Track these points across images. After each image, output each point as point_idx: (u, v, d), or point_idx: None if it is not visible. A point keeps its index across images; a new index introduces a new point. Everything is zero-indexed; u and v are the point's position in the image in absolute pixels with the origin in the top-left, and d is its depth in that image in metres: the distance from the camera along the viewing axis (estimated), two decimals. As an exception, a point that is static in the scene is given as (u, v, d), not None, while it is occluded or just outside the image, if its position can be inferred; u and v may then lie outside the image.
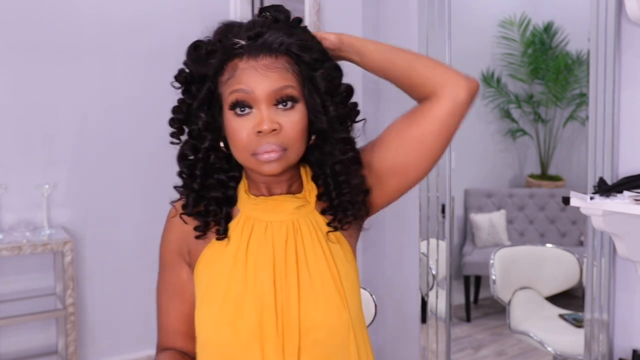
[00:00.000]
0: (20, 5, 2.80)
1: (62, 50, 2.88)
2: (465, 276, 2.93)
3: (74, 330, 2.75)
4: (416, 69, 1.03)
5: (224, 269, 0.96)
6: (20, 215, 2.83)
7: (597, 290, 1.76)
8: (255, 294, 0.94)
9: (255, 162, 0.93)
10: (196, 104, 0.97)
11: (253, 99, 0.92)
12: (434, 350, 2.36)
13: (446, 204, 2.33)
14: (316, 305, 0.94)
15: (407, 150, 1.02)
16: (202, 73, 0.96)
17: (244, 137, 0.92)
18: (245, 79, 0.92)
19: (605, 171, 1.70)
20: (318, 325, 0.94)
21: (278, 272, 0.95)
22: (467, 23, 2.61)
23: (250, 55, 0.93)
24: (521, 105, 2.85)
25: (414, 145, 1.02)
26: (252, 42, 0.93)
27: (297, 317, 0.93)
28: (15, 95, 2.82)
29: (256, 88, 0.92)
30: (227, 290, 0.94)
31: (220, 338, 0.93)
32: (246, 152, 0.93)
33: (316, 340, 0.94)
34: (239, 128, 0.93)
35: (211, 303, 0.95)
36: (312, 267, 0.96)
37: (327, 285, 0.96)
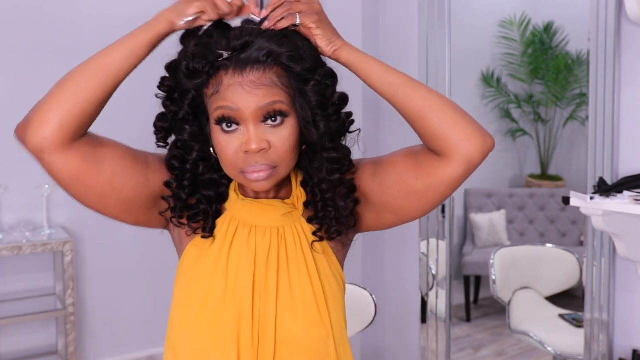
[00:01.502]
0: (20, 5, 2.80)
1: (62, 50, 2.88)
2: (465, 276, 2.92)
3: (74, 330, 2.75)
4: (429, 118, 0.92)
5: (205, 272, 0.94)
6: (20, 215, 2.83)
7: (597, 290, 1.76)
8: (235, 301, 0.91)
9: (244, 179, 0.91)
10: (182, 113, 0.93)
11: (240, 116, 0.88)
12: (434, 350, 2.35)
13: (446, 204, 2.33)
14: (294, 317, 0.92)
15: (407, 198, 0.95)
16: (185, 88, 0.91)
17: (232, 155, 0.89)
18: (231, 95, 0.87)
19: (605, 171, 1.70)
20: (295, 338, 0.92)
21: (258, 281, 0.93)
22: (467, 23, 2.61)
23: (236, 69, 0.88)
24: (521, 105, 2.85)
25: (416, 196, 0.94)
26: (238, 53, 0.88)
27: (273, 328, 0.91)
28: (15, 95, 2.82)
29: (242, 105, 0.87)
30: (206, 295, 0.92)
31: (196, 343, 0.92)
32: (234, 169, 0.90)
33: (292, 354, 0.92)
34: (227, 144, 0.89)
35: (189, 307, 0.93)
36: (293, 278, 0.94)
37: (307, 298, 0.93)
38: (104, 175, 0.90)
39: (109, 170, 0.90)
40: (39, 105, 0.88)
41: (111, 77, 0.89)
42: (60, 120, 0.86)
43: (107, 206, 0.92)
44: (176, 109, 0.93)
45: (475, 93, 2.82)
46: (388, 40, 2.53)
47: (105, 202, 0.92)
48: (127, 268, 3.03)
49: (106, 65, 0.89)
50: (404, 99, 0.95)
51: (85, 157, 0.88)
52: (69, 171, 0.88)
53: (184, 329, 0.93)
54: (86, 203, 0.92)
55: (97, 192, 0.90)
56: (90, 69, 0.89)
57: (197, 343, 0.91)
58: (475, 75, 2.84)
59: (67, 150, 0.87)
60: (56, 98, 0.87)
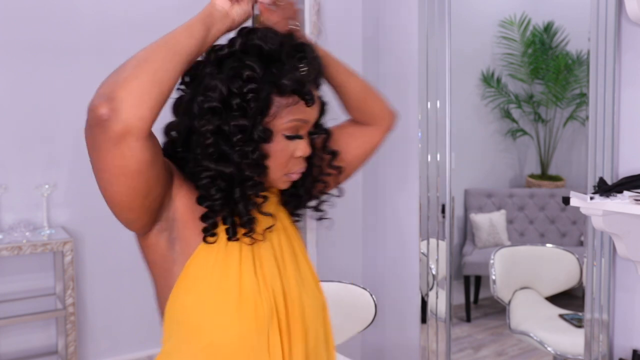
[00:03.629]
0: (19, 5, 2.80)
1: (62, 50, 2.88)
2: (465, 276, 2.92)
3: (74, 330, 2.75)
4: (367, 100, 1.18)
5: (234, 264, 0.98)
6: (20, 215, 2.83)
7: (597, 290, 1.76)
8: (267, 285, 0.99)
9: (282, 179, 1.02)
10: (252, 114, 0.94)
11: (305, 128, 1.00)
12: (434, 350, 2.35)
13: (446, 204, 2.33)
14: (306, 291, 1.05)
15: (351, 164, 1.22)
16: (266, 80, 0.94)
17: (286, 159, 0.99)
18: (307, 110, 0.99)
19: (605, 171, 1.70)
20: (311, 309, 1.04)
21: (279, 263, 1.03)
22: (467, 23, 2.61)
23: (310, 86, 0.98)
24: (521, 105, 2.85)
25: (356, 160, 1.23)
26: (310, 69, 0.97)
27: (298, 303, 1.02)
28: (15, 95, 2.82)
29: (311, 119, 1.01)
30: (241, 285, 0.97)
31: (243, 331, 0.96)
32: (281, 171, 1.00)
33: (311, 322, 1.04)
34: (285, 150, 0.99)
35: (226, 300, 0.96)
36: (298, 256, 1.08)
37: (309, 272, 1.09)
38: (158, 167, 0.90)
39: (160, 163, 0.90)
40: (127, 80, 0.82)
41: (184, 56, 0.89)
42: (157, 100, 0.84)
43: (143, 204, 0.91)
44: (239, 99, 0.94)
45: (475, 93, 2.82)
46: (388, 41, 2.53)
47: (146, 199, 0.90)
48: (127, 268, 3.03)
49: (178, 42, 0.89)
50: (353, 85, 1.16)
51: (154, 146, 0.87)
52: (145, 159, 0.85)
53: (226, 323, 0.95)
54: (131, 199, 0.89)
55: (150, 184, 0.89)
56: (168, 46, 0.87)
57: (243, 331, 0.96)
58: (475, 75, 2.84)
59: (149, 136, 0.85)
60: (148, 73, 0.83)
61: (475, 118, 2.84)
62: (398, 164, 2.52)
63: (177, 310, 0.97)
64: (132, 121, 0.80)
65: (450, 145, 2.30)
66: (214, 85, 0.93)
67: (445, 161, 2.29)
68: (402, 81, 2.46)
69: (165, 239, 0.97)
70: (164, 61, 0.85)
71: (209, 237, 0.96)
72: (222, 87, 0.93)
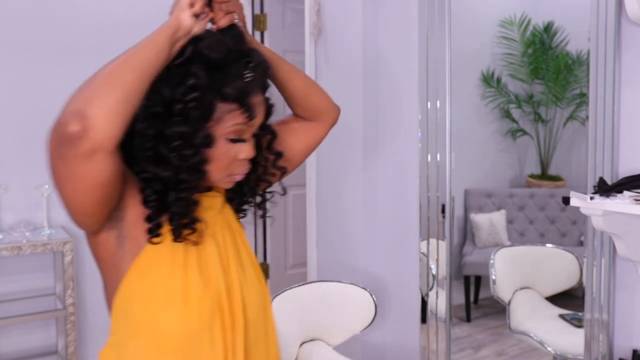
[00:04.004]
0: (19, 5, 2.80)
1: (61, 49, 2.88)
2: (465, 276, 2.92)
3: (74, 330, 2.75)
4: (311, 95, 1.21)
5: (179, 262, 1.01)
6: (20, 215, 2.83)
7: (597, 290, 1.76)
8: (212, 283, 1.03)
9: (225, 180, 1.05)
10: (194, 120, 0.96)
11: (249, 131, 1.03)
12: (434, 350, 2.35)
13: (446, 204, 2.33)
14: (248, 286, 1.09)
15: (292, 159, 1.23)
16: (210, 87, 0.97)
17: (229, 161, 1.02)
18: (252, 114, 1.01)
19: (605, 171, 1.70)
20: (253, 303, 1.09)
21: (223, 260, 1.07)
22: (467, 23, 2.61)
23: (254, 90, 1.01)
24: (521, 105, 2.85)
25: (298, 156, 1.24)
26: (255, 74, 1.00)
27: (240, 298, 1.06)
28: (14, 95, 2.82)
29: (255, 123, 1.03)
30: (187, 283, 1.00)
31: (186, 328, 0.99)
32: (224, 172, 1.03)
33: (256, 315, 1.09)
34: (228, 152, 1.01)
35: (172, 298, 0.99)
36: (241, 252, 1.12)
37: (251, 267, 1.13)
38: (120, 177, 0.93)
39: (121, 172, 0.93)
40: (100, 97, 0.84)
41: (152, 73, 0.91)
42: (126, 117, 0.86)
43: (102, 211, 0.94)
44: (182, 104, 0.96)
45: (475, 93, 2.82)
46: (388, 40, 2.53)
47: (106, 206, 0.94)
48: (127, 268, 3.04)
49: (146, 59, 0.90)
50: (296, 82, 1.19)
51: (119, 157, 0.90)
52: (111, 172, 0.89)
53: (171, 320, 0.99)
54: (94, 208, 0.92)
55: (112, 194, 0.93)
56: (137, 62, 0.89)
57: (188, 328, 0.99)
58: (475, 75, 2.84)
59: (115, 151, 0.87)
60: (121, 91, 0.85)
61: (475, 118, 2.84)
62: (398, 164, 2.52)
63: (124, 306, 1.01)
64: (103, 140, 0.83)
65: (450, 145, 2.30)
66: (159, 90, 0.95)
67: (445, 161, 2.29)
68: (402, 81, 2.46)
69: (115, 236, 0.99)
70: (134, 80, 0.87)
71: (153, 237, 0.99)
72: (166, 92, 0.95)
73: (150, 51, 0.91)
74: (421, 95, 2.33)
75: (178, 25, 0.96)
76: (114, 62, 0.90)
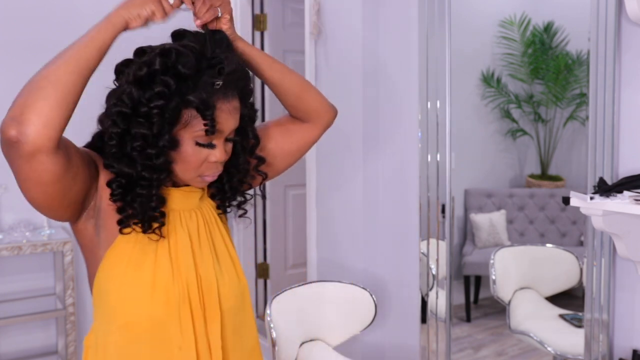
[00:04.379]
0: (19, 5, 2.80)
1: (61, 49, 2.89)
2: (465, 276, 2.92)
3: (74, 330, 2.75)
4: (305, 97, 1.21)
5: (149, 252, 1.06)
6: (20, 215, 2.83)
7: (597, 290, 1.76)
8: (181, 273, 1.07)
9: (196, 180, 1.08)
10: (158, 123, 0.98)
11: (219, 136, 1.05)
12: (434, 350, 2.35)
13: (446, 204, 2.33)
14: (224, 279, 1.13)
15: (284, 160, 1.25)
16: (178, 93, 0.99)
17: (198, 163, 1.05)
18: (219, 121, 1.02)
19: (605, 171, 1.70)
20: (228, 296, 1.13)
21: (195, 253, 1.10)
22: (467, 23, 2.61)
23: (224, 97, 1.02)
24: (521, 105, 2.85)
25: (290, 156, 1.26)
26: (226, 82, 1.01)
27: (215, 291, 1.11)
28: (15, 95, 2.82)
29: (226, 128, 1.04)
30: (155, 272, 1.05)
31: (154, 316, 1.05)
32: (194, 173, 1.06)
33: (228, 308, 1.13)
34: (196, 154, 1.04)
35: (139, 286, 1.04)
36: (217, 247, 1.15)
37: (229, 262, 1.16)
38: (72, 172, 0.96)
39: (75, 167, 0.96)
40: (35, 103, 0.87)
41: (90, 71, 0.94)
42: (64, 118, 0.89)
43: (62, 204, 0.97)
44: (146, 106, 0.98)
45: (475, 93, 2.82)
46: (388, 40, 2.53)
47: (64, 200, 0.97)
48: (127, 268, 3.04)
49: (83, 60, 0.92)
50: (288, 82, 1.19)
51: (65, 155, 0.93)
52: (57, 170, 0.91)
53: (139, 307, 1.04)
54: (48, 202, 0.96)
55: (66, 189, 0.95)
56: (76, 62, 0.91)
57: (155, 315, 1.05)
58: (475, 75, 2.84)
59: (59, 148, 0.90)
60: (56, 95, 0.88)
61: (475, 118, 2.84)
62: (398, 164, 2.52)
63: (99, 292, 1.07)
64: (40, 141, 0.86)
65: (450, 145, 2.30)
66: (129, 91, 0.99)
67: (445, 161, 2.29)
68: (402, 81, 2.46)
69: (92, 225, 1.06)
70: (71, 82, 0.90)
71: (123, 228, 1.04)
72: (135, 94, 0.98)
73: (92, 51, 0.94)
74: (421, 95, 2.33)
75: (124, 26, 0.98)
76: (51, 64, 0.92)
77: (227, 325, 1.13)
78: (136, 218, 1.04)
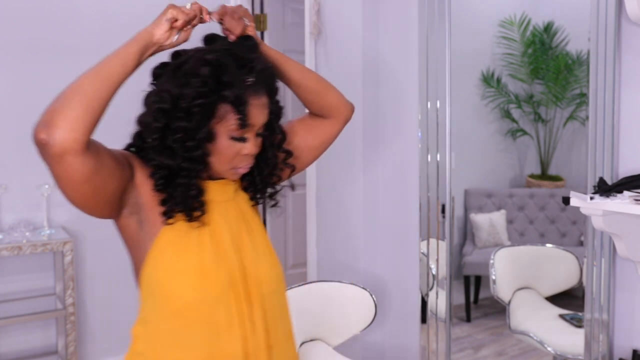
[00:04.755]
0: (19, 5, 2.80)
1: (62, 49, 2.88)
2: (465, 276, 2.92)
3: (74, 330, 2.75)
4: (323, 94, 1.31)
5: (195, 241, 1.14)
6: (20, 215, 2.83)
7: (597, 290, 1.76)
8: (226, 259, 1.16)
9: (230, 172, 1.17)
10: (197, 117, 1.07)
11: (250, 130, 1.13)
12: (434, 350, 2.36)
13: (446, 204, 2.33)
14: (264, 263, 1.21)
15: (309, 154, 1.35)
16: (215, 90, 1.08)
17: (232, 155, 1.13)
18: (252, 115, 1.11)
19: (605, 171, 1.70)
20: (267, 278, 1.21)
21: (235, 241, 1.19)
22: (467, 23, 2.61)
23: (255, 94, 1.11)
24: (521, 105, 2.85)
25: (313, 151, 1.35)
26: (256, 79, 1.11)
27: (255, 274, 1.18)
28: (14, 95, 2.82)
29: (256, 123, 1.13)
30: (202, 260, 1.13)
31: (205, 299, 1.12)
32: (228, 165, 1.15)
33: (268, 291, 1.21)
34: (230, 148, 1.13)
35: (188, 271, 1.12)
36: (254, 234, 1.23)
37: (265, 248, 1.24)
38: (104, 173, 1.03)
39: (107, 168, 1.03)
40: (63, 110, 0.96)
41: (116, 83, 1.02)
42: (90, 124, 0.98)
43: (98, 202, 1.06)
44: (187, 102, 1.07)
45: (475, 93, 2.82)
46: (388, 40, 2.53)
47: (99, 198, 1.05)
48: (127, 268, 3.02)
49: (111, 71, 1.02)
50: (308, 81, 1.29)
51: (95, 157, 1.00)
52: (86, 170, 0.99)
53: (190, 292, 1.12)
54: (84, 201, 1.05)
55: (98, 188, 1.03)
56: (101, 75, 1.01)
57: (205, 299, 1.12)
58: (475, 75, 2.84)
59: (87, 151, 0.98)
60: (81, 103, 0.97)
61: (475, 118, 2.84)
62: (398, 164, 2.52)
63: (148, 283, 1.14)
64: (67, 144, 0.95)
65: (450, 145, 2.30)
66: (167, 88, 1.08)
67: (445, 161, 2.29)
68: (402, 81, 2.46)
69: (135, 220, 1.13)
70: (97, 91, 0.99)
71: (167, 219, 1.12)
72: (174, 91, 1.08)
73: (117, 64, 1.03)
74: (421, 95, 2.33)
75: (149, 40, 1.07)
76: (83, 75, 1.02)
77: (268, 309, 1.21)
78: (179, 207, 1.12)
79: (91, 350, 3.00)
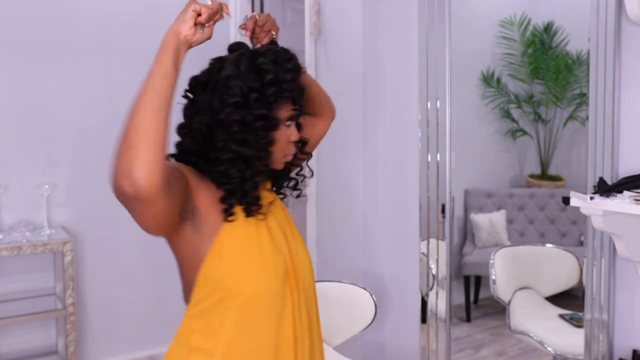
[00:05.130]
0: (19, 5, 2.80)
1: (62, 49, 2.88)
2: (465, 276, 2.92)
3: (74, 330, 2.75)
4: (318, 94, 1.42)
5: (252, 236, 1.20)
6: (20, 215, 2.83)
7: (597, 290, 1.76)
8: (280, 250, 1.24)
9: (281, 160, 1.25)
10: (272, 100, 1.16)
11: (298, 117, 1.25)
12: (434, 350, 2.36)
13: (446, 204, 2.33)
14: (303, 253, 1.31)
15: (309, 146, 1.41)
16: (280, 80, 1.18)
17: (286, 142, 1.23)
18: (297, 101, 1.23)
19: (605, 171, 1.70)
20: (306, 264, 1.31)
21: (284, 234, 1.27)
22: (467, 23, 2.61)
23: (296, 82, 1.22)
24: (521, 105, 2.85)
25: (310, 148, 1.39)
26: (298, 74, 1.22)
27: (298, 262, 1.27)
28: (14, 95, 2.82)
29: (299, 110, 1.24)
30: (263, 251, 1.20)
31: (272, 285, 1.19)
32: (282, 153, 1.23)
33: (307, 275, 1.30)
34: (286, 134, 1.22)
35: (251, 262, 1.18)
36: (292, 228, 1.33)
37: (300, 239, 1.34)
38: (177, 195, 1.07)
39: (174, 190, 1.06)
40: (138, 155, 0.96)
41: (168, 102, 1.02)
42: (162, 159, 0.99)
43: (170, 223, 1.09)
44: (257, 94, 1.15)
45: (475, 93, 2.82)
46: (388, 40, 2.53)
47: (171, 218, 1.08)
48: (127, 268, 3.03)
49: (159, 94, 1.01)
50: (309, 80, 1.37)
51: (168, 187, 1.02)
52: (166, 203, 1.02)
53: (256, 282, 1.18)
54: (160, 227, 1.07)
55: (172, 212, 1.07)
56: (153, 103, 1.00)
57: (270, 288, 1.19)
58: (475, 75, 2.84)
59: (165, 188, 1.00)
60: (149, 142, 0.97)
61: (475, 118, 2.84)
62: (398, 164, 2.52)
63: (210, 280, 1.17)
64: (152, 189, 0.97)
65: (450, 145, 2.30)
66: (236, 84, 1.14)
67: (445, 161, 2.29)
68: (402, 81, 2.46)
69: (190, 226, 1.16)
70: (157, 121, 0.99)
71: (229, 216, 1.17)
72: (243, 85, 1.14)
73: (161, 83, 1.02)
74: (421, 95, 2.33)
75: (178, 39, 1.07)
76: (135, 109, 0.99)
77: (309, 295, 1.30)
78: (242, 202, 1.18)
79: (91, 350, 3.00)
